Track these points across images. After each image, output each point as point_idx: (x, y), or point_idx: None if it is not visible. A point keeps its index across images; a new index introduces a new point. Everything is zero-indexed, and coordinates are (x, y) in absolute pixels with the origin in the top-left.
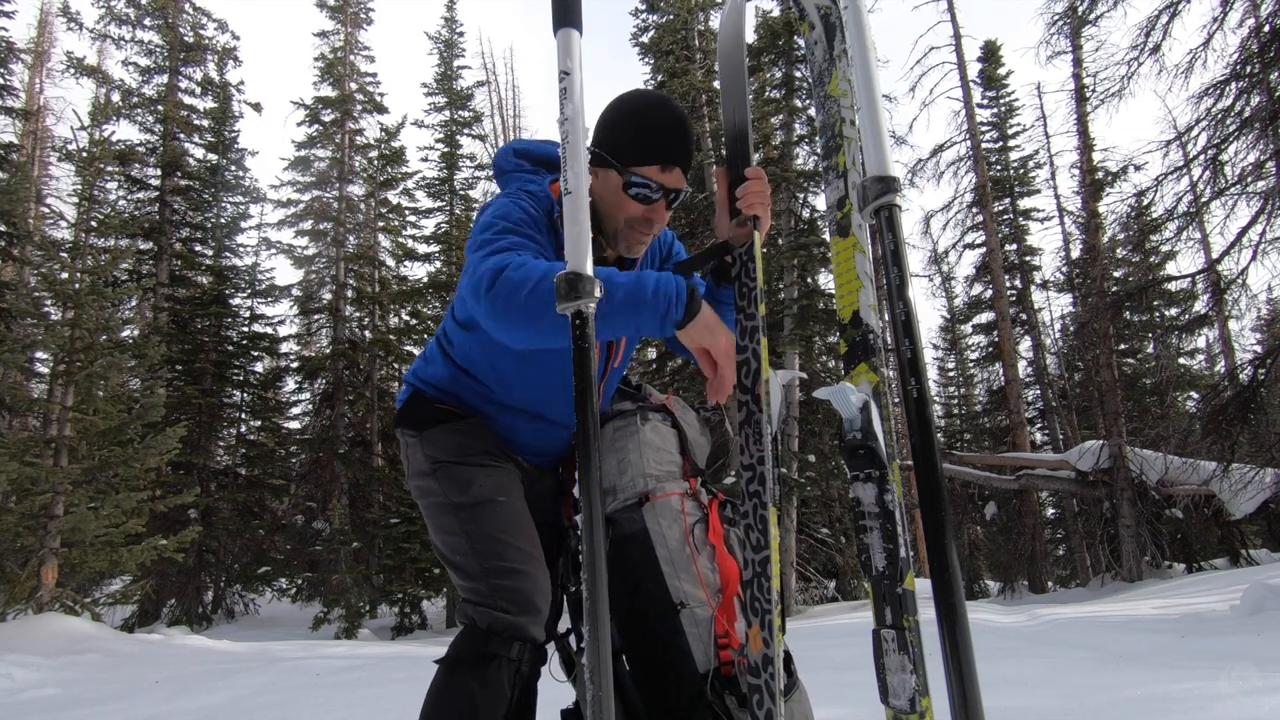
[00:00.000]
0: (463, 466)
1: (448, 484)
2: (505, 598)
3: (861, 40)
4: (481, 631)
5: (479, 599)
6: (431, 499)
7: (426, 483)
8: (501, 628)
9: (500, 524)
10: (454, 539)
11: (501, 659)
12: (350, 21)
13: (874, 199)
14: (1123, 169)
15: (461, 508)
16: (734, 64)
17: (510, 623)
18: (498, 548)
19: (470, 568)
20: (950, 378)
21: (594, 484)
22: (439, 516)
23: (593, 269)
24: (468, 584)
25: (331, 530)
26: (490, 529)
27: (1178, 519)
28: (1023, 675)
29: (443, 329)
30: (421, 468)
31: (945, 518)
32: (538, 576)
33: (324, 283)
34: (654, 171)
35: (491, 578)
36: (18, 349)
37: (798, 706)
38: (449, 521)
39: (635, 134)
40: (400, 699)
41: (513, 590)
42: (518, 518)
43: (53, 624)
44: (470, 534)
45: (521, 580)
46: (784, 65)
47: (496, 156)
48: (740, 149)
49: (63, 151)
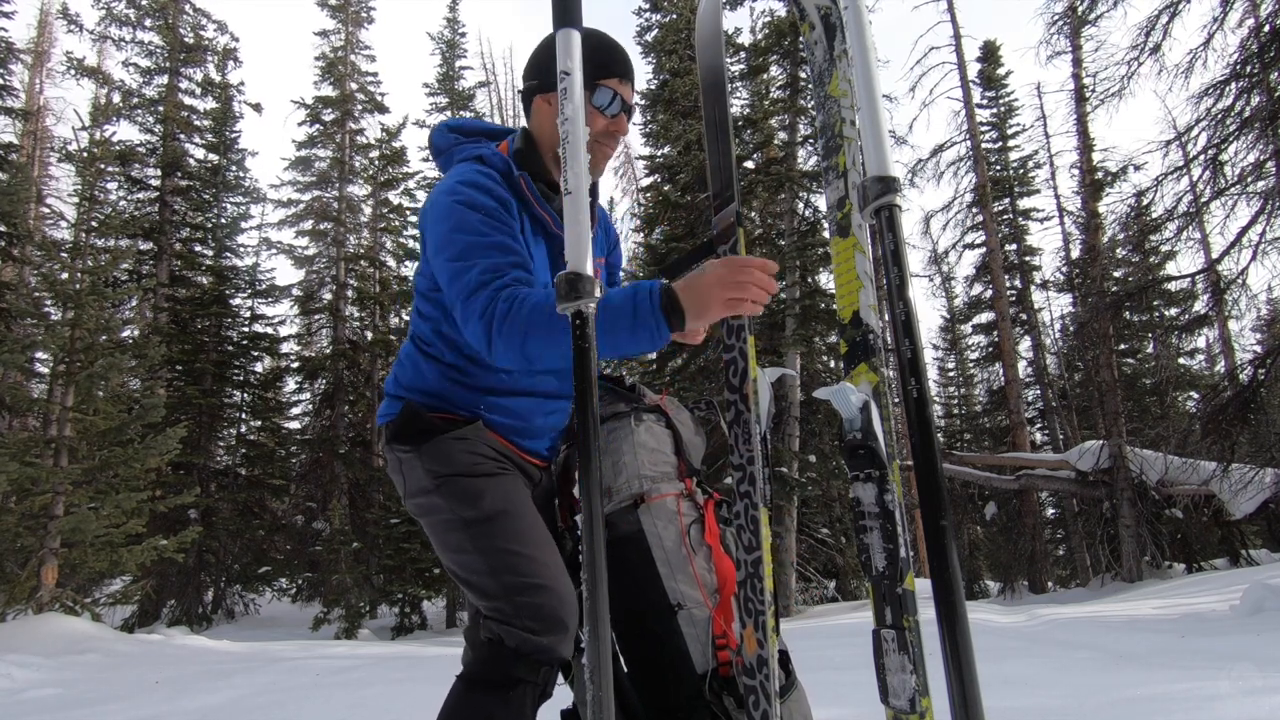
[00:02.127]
0: (469, 479)
1: (454, 500)
2: (531, 616)
3: (861, 40)
4: (509, 651)
5: (503, 618)
6: (437, 516)
7: (430, 500)
8: (530, 650)
9: (516, 537)
10: (467, 557)
11: (528, 684)
12: (351, 20)
13: (874, 199)
14: (1123, 169)
15: (472, 523)
16: (713, 62)
17: (539, 644)
18: (516, 562)
19: (489, 587)
20: (950, 378)
21: (594, 484)
22: (447, 534)
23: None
24: (488, 603)
25: (331, 530)
26: (505, 543)
27: (1178, 519)
28: (1023, 675)
29: (416, 334)
30: (423, 485)
31: (945, 518)
32: (563, 591)
33: (324, 283)
34: (616, 84)
35: (514, 595)
36: (18, 349)
37: (796, 706)
38: (459, 539)
39: (590, 53)
40: (400, 699)
41: (538, 608)
42: (532, 528)
43: (53, 624)
44: (484, 550)
45: (546, 596)
46: (789, 65)
47: (431, 136)
48: (723, 152)
49: (63, 152)
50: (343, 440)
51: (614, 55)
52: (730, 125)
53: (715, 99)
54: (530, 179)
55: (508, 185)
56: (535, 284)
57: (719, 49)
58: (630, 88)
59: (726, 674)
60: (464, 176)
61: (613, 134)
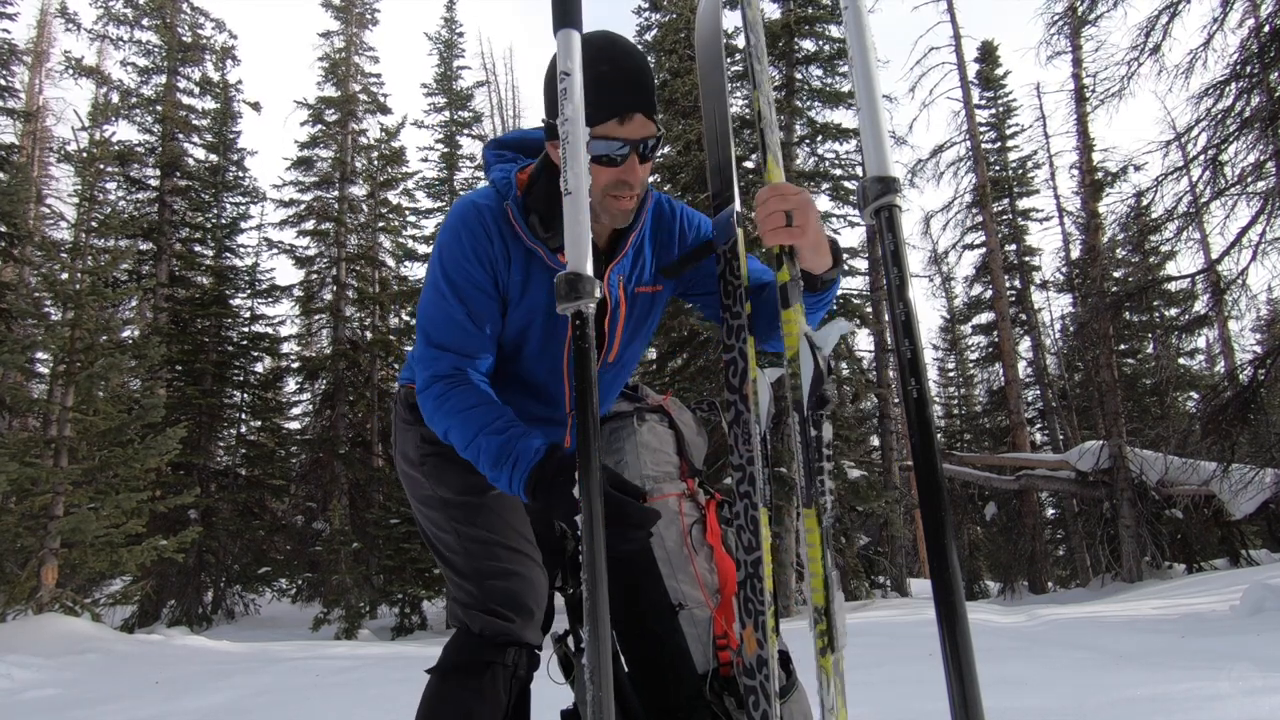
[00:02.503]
0: (454, 463)
1: (436, 479)
2: (498, 600)
3: (861, 40)
4: (474, 636)
5: (470, 600)
6: (420, 490)
7: (414, 472)
8: (494, 632)
9: (492, 523)
10: (444, 535)
11: (497, 665)
12: (355, 22)
13: (874, 199)
14: (1122, 169)
15: (451, 504)
16: (712, 62)
17: (504, 628)
18: (490, 548)
19: (461, 566)
20: (950, 378)
21: (594, 484)
22: (427, 509)
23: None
24: (458, 581)
25: (331, 530)
26: (482, 528)
27: (1178, 519)
28: (1023, 675)
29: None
30: (411, 455)
31: (945, 518)
32: (532, 578)
33: (325, 283)
34: (611, 127)
35: (484, 578)
36: (18, 349)
37: (796, 706)
38: (438, 516)
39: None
40: (400, 699)
41: (505, 592)
42: (510, 516)
43: (53, 624)
44: (461, 533)
45: (515, 582)
46: (784, 67)
47: (483, 150)
48: (723, 155)
49: (61, 152)
50: (343, 440)
51: (608, 90)
52: (730, 125)
53: (715, 99)
54: (520, 211)
55: (501, 221)
56: (479, 367)
57: (719, 49)
58: (642, 118)
59: (727, 674)
60: (455, 220)
61: (623, 183)
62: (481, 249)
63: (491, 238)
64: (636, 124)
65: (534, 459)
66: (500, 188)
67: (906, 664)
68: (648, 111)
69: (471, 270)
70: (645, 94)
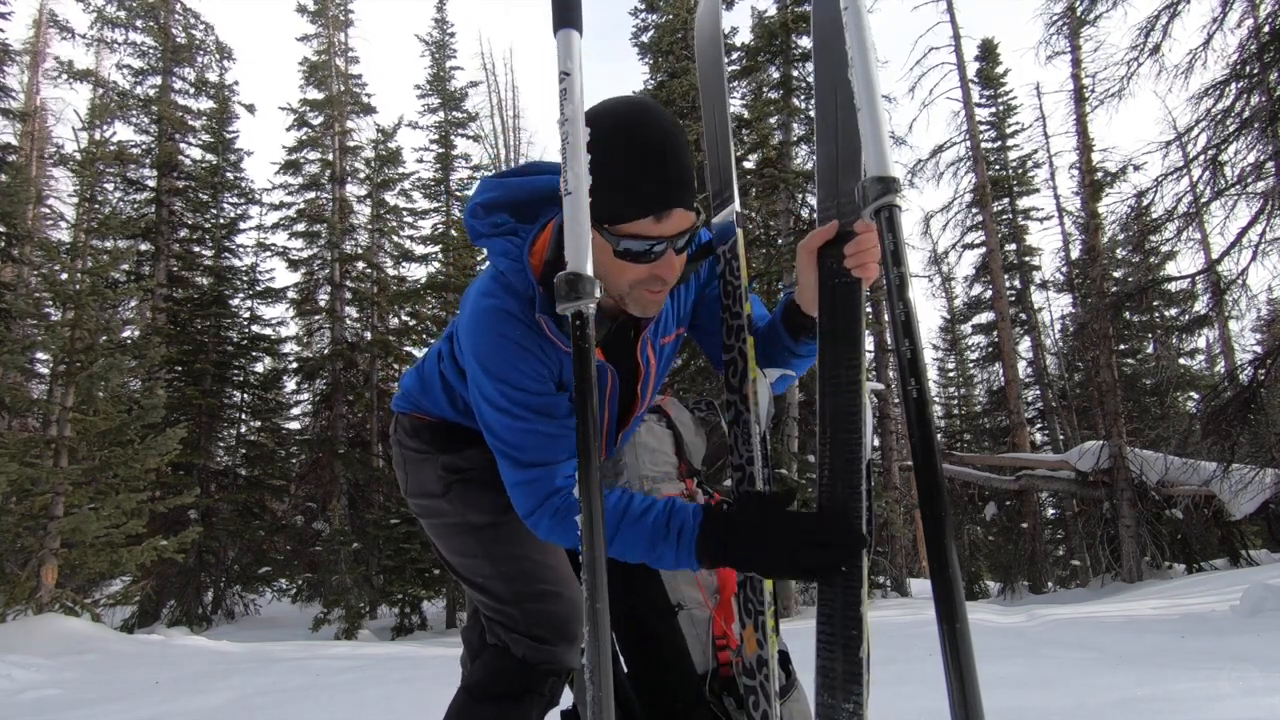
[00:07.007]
0: (480, 485)
1: (463, 504)
2: (542, 624)
3: (861, 40)
4: (515, 661)
5: (511, 624)
6: (443, 520)
7: (436, 504)
8: (539, 660)
9: (526, 541)
10: (474, 561)
11: (534, 695)
12: (332, 25)
13: (874, 199)
14: (1122, 169)
15: (482, 528)
16: (712, 63)
17: (548, 654)
18: (527, 567)
19: (499, 590)
20: (950, 378)
21: (594, 484)
22: (452, 538)
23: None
24: (496, 606)
25: (331, 531)
26: (515, 549)
27: (1178, 519)
28: (1023, 675)
29: (444, 374)
30: (430, 488)
31: (945, 518)
32: (574, 597)
33: (320, 284)
34: (646, 225)
35: (524, 602)
36: (18, 349)
37: (796, 706)
38: (466, 543)
39: (610, 186)
40: (400, 699)
41: (550, 615)
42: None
43: (53, 624)
44: (494, 556)
45: (558, 604)
46: (782, 65)
47: (466, 216)
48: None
49: (56, 155)
50: (342, 441)
51: (642, 183)
52: (730, 125)
53: (715, 99)
54: (554, 321)
55: (540, 336)
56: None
57: (718, 49)
58: (681, 211)
59: (727, 674)
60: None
61: (657, 278)
62: (537, 369)
63: (539, 355)
64: (675, 218)
65: (696, 527)
66: (520, 288)
67: (906, 664)
68: (688, 202)
69: (539, 386)
70: (686, 185)
